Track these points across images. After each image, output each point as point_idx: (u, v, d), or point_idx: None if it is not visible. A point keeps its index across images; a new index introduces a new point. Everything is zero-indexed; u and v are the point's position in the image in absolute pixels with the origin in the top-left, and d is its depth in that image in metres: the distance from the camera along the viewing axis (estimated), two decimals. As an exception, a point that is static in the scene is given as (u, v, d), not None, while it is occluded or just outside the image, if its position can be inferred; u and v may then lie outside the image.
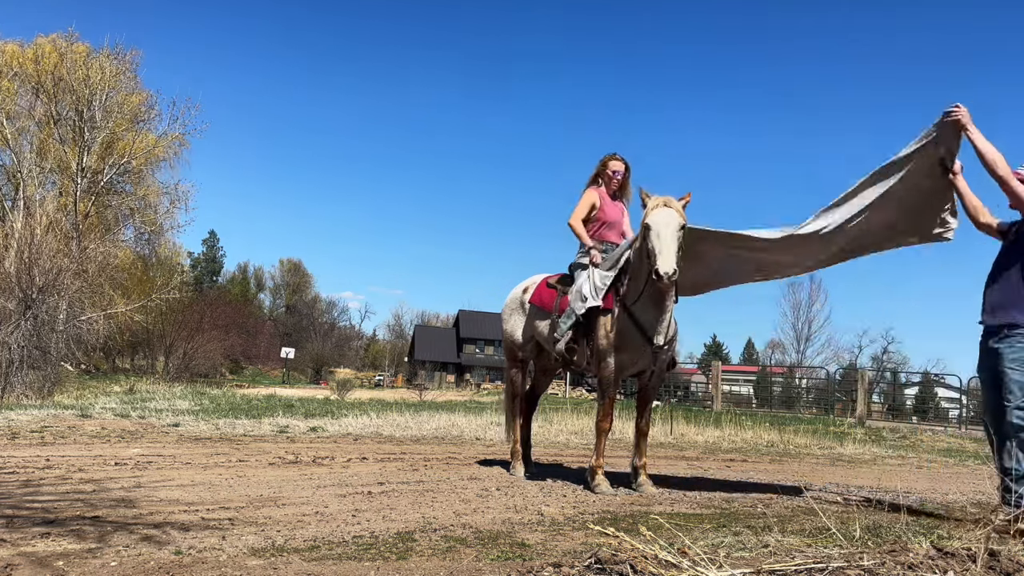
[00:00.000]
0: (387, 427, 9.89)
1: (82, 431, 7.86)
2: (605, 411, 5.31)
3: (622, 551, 2.64)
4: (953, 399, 32.21)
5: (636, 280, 5.14)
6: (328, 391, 27.74)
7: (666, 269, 4.70)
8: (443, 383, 61.10)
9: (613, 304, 5.20)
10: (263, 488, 4.75)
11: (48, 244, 16.06)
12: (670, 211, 4.93)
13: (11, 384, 13.69)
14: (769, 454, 9.23)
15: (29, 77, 31.09)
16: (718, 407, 20.23)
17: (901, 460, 9.41)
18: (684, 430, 11.12)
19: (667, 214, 4.91)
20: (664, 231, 4.84)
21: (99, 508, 3.88)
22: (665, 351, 5.29)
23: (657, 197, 5.03)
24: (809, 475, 7.08)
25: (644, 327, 5.09)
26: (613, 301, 5.21)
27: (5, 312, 14.46)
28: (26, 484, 4.55)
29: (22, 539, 3.16)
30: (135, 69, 33.17)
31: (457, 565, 3.03)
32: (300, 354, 64.57)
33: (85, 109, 30.82)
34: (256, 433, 8.50)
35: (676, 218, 4.91)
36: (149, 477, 5.02)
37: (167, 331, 31.09)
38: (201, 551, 3.11)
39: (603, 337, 5.18)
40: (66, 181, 31.12)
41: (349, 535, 3.53)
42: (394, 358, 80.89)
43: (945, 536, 3.15)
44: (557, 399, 21.53)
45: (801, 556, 2.70)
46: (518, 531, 3.76)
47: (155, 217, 34.59)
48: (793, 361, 48.25)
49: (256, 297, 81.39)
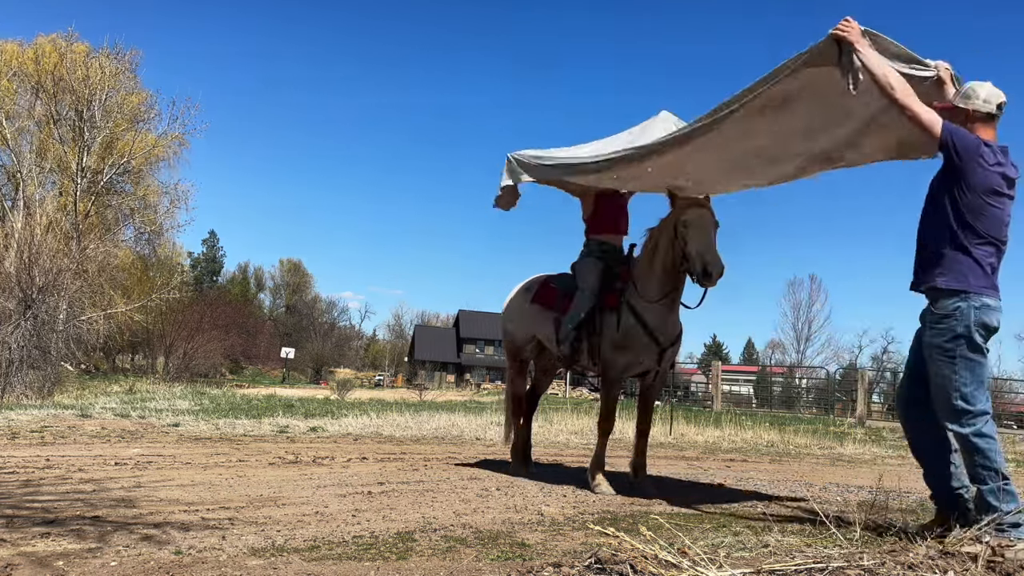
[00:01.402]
0: (387, 427, 9.89)
1: (82, 431, 7.86)
2: (607, 411, 5.30)
3: (622, 551, 2.64)
4: (953, 399, 32.17)
5: (652, 279, 5.06)
6: (328, 391, 27.74)
7: (718, 269, 4.66)
8: (443, 383, 61.10)
9: (619, 303, 5.18)
10: (263, 488, 4.75)
11: (48, 244, 16.07)
12: (704, 210, 4.90)
13: (11, 384, 13.69)
14: (769, 454, 9.23)
15: (29, 77, 31.08)
16: (718, 407, 20.22)
17: (901, 460, 9.41)
18: (684, 430, 11.11)
19: (703, 213, 4.87)
20: (706, 229, 4.80)
21: (99, 508, 3.88)
22: (671, 352, 5.29)
23: (686, 196, 4.97)
24: (809, 475, 7.08)
25: (651, 327, 5.08)
26: (618, 300, 5.19)
27: (5, 312, 14.47)
28: (26, 484, 4.55)
29: (22, 539, 3.16)
30: (135, 69, 33.20)
31: (457, 565, 3.03)
32: (300, 354, 64.57)
33: (85, 109, 30.80)
34: (256, 433, 8.50)
35: (711, 216, 4.89)
36: (149, 477, 5.02)
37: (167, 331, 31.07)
38: (201, 551, 3.11)
39: (608, 337, 5.17)
40: (66, 181, 31.11)
41: (349, 535, 3.53)
42: (394, 358, 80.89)
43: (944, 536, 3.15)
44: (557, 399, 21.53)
45: (801, 556, 2.70)
46: (518, 531, 3.75)
47: (155, 217, 34.58)
48: (793, 361, 48.28)
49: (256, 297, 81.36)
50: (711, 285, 4.77)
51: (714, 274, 4.66)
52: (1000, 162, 3.48)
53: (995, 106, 3.61)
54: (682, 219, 4.85)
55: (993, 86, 3.65)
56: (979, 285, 3.43)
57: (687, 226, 4.81)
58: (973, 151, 3.44)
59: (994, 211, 3.47)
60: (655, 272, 5.05)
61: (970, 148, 3.44)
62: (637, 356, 5.14)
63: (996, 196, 3.47)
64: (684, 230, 4.82)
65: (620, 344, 5.11)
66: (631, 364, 5.19)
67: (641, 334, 5.07)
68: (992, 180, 3.45)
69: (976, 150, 3.43)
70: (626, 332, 5.09)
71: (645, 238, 5.24)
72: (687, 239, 4.79)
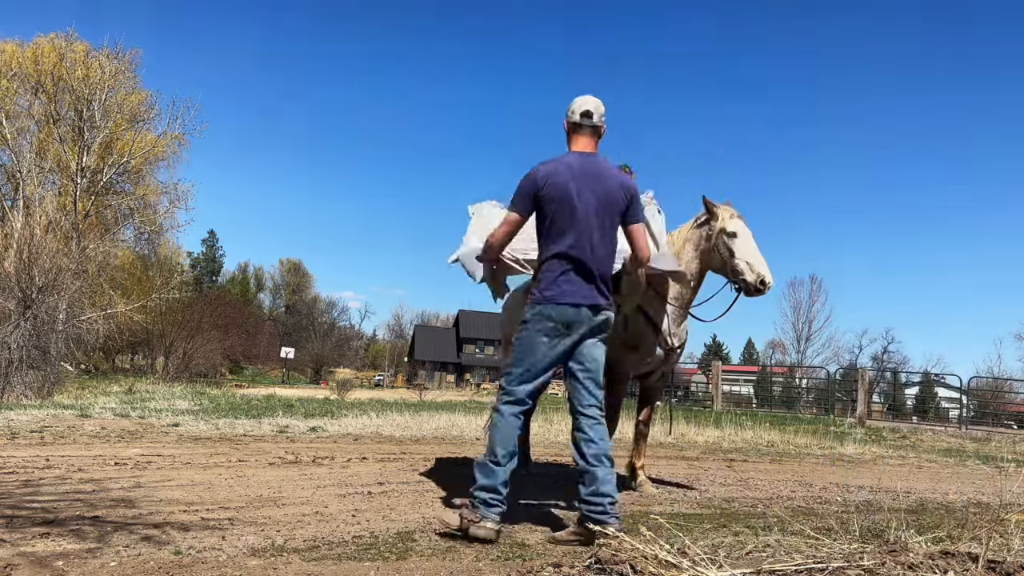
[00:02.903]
0: (387, 427, 9.88)
1: (82, 431, 7.86)
2: (612, 410, 5.29)
3: (622, 551, 2.64)
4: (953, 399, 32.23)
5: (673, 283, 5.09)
6: (328, 391, 27.73)
7: (771, 279, 4.67)
8: (443, 383, 61.13)
9: None
10: (263, 488, 4.75)
11: (48, 244, 16.06)
12: (744, 220, 4.90)
13: (11, 384, 13.68)
14: (769, 454, 9.23)
15: (28, 77, 31.07)
16: (718, 407, 20.22)
17: (901, 460, 9.41)
18: (684, 430, 11.11)
19: (744, 223, 4.88)
20: (752, 240, 4.80)
21: (99, 508, 3.87)
22: (678, 353, 5.29)
23: (725, 207, 4.94)
24: (809, 475, 7.08)
25: (661, 328, 5.08)
26: None
27: (5, 312, 14.46)
28: (26, 484, 4.54)
29: (22, 539, 3.16)
30: (135, 68, 33.15)
31: (457, 565, 3.03)
32: (300, 354, 64.60)
33: (85, 109, 30.79)
34: (256, 433, 8.49)
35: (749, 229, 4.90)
36: (149, 477, 5.01)
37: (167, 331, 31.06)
38: (201, 551, 3.11)
39: (615, 337, 5.15)
40: (66, 181, 31.09)
41: (349, 535, 3.53)
42: (394, 358, 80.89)
43: (945, 536, 3.15)
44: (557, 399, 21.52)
45: (801, 556, 2.70)
46: (518, 531, 3.75)
47: (155, 217, 34.55)
48: (793, 361, 48.28)
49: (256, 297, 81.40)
50: (760, 295, 4.77)
51: (768, 286, 4.67)
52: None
53: (578, 115, 3.72)
54: (727, 229, 4.83)
55: (587, 97, 3.74)
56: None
57: (734, 236, 4.79)
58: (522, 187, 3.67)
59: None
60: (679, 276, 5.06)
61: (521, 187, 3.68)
62: (644, 356, 5.14)
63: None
64: (728, 240, 4.80)
65: (629, 344, 5.11)
66: (638, 364, 5.19)
67: (650, 335, 5.07)
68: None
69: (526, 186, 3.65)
70: (635, 332, 5.09)
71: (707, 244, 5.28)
72: (733, 249, 4.78)
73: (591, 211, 3.59)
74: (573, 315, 3.55)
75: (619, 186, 3.66)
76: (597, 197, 3.60)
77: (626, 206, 3.68)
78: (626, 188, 3.69)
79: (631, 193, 3.70)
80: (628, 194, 3.68)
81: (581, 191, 3.59)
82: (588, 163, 3.66)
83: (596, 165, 3.68)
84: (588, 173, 3.63)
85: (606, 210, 3.63)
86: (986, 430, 17.60)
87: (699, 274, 5.04)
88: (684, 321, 5.17)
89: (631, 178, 4.34)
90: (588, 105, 3.71)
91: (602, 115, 3.74)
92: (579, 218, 3.57)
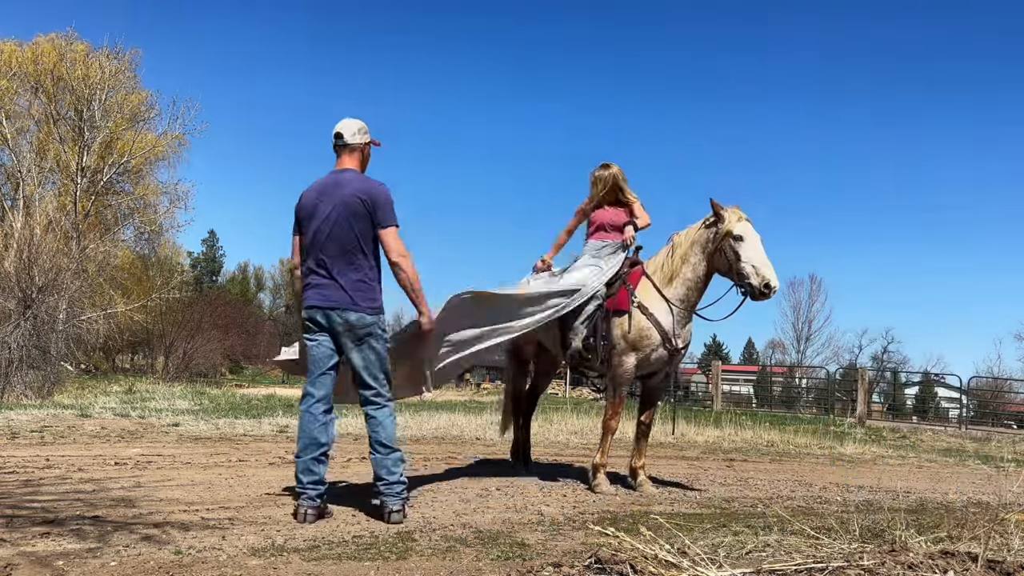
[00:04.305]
0: (387, 427, 9.86)
1: (82, 431, 7.86)
2: (614, 410, 5.28)
3: (622, 551, 2.65)
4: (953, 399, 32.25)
5: (679, 285, 5.10)
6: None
7: (776, 283, 4.70)
8: (443, 383, 60.94)
9: (629, 305, 5.18)
10: (263, 488, 4.75)
11: (48, 244, 16.05)
12: (751, 224, 4.91)
13: (11, 384, 13.67)
14: (769, 454, 9.23)
15: (28, 76, 31.05)
16: (718, 407, 20.23)
17: (901, 460, 9.42)
18: (684, 430, 11.12)
19: (751, 226, 4.89)
20: (759, 243, 4.81)
21: (99, 508, 3.88)
22: (681, 354, 5.30)
23: (733, 210, 4.95)
24: (809, 475, 7.08)
25: (664, 329, 5.09)
26: (628, 302, 5.19)
27: (5, 312, 14.45)
28: (26, 484, 4.55)
29: (22, 539, 3.16)
30: (135, 68, 33.11)
31: (457, 565, 3.03)
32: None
33: (85, 108, 30.76)
34: (256, 433, 8.49)
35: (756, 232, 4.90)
36: (149, 477, 5.01)
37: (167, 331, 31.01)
38: (201, 551, 3.11)
39: (620, 338, 5.16)
40: (66, 181, 31.07)
41: (349, 535, 3.53)
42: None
43: (945, 536, 3.16)
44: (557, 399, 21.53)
45: (801, 556, 2.70)
46: (518, 531, 3.76)
47: (155, 217, 34.52)
48: (793, 361, 48.25)
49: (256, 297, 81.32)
50: (765, 299, 4.80)
51: (773, 290, 4.68)
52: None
53: (333, 139, 4.14)
54: (734, 232, 4.84)
55: (342, 121, 4.14)
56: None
57: (740, 239, 4.82)
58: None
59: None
60: (683, 278, 5.07)
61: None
62: (648, 357, 5.15)
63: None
64: (736, 243, 4.83)
65: (633, 345, 5.12)
66: (642, 365, 5.20)
67: (655, 336, 5.08)
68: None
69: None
70: (639, 333, 5.09)
71: (669, 243, 5.30)
72: (739, 252, 4.81)
73: (331, 221, 3.94)
74: (321, 317, 4.01)
75: (353, 193, 3.95)
76: (335, 206, 3.94)
77: (368, 212, 3.96)
78: (369, 194, 3.97)
79: (373, 198, 3.97)
80: (370, 200, 3.96)
81: (318, 205, 3.97)
82: (331, 179, 4.06)
83: (339, 178, 4.05)
84: (329, 187, 4.02)
85: (347, 217, 3.95)
86: (986, 430, 17.61)
87: (705, 276, 5.06)
88: (689, 323, 5.18)
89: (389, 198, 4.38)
90: (338, 128, 4.12)
91: (355, 132, 4.10)
92: (318, 228, 3.96)
